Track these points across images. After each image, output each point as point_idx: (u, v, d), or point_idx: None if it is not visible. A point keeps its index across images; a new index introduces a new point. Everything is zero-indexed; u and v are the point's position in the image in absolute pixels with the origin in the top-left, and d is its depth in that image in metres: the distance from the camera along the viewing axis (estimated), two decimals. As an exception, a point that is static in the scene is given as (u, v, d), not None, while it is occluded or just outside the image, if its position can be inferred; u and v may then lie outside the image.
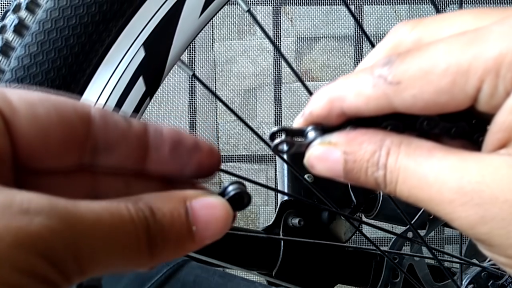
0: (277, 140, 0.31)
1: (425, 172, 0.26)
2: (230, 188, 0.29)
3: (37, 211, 0.22)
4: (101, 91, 0.51)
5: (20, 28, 0.45)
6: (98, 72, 0.51)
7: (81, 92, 0.51)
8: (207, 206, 0.27)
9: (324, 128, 0.31)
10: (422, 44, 0.27)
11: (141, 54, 0.51)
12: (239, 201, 0.29)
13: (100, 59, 0.50)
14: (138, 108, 0.53)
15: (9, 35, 0.45)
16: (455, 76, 0.25)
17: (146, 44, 0.51)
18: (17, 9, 0.46)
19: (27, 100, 0.25)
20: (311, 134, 0.31)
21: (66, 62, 0.47)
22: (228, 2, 0.59)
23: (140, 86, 0.52)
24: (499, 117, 0.26)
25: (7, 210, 0.21)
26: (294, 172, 0.89)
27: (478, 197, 0.25)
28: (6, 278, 0.20)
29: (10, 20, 0.45)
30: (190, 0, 0.53)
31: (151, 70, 0.52)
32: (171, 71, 0.57)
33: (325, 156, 0.30)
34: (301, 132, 0.31)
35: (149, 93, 0.54)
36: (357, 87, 0.28)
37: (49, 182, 0.27)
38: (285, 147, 0.31)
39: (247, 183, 0.31)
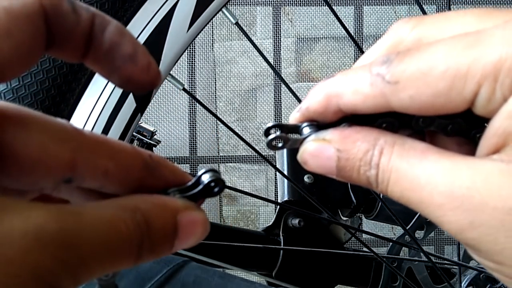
0: (271, 136, 0.31)
1: (417, 174, 0.26)
2: (205, 176, 0.30)
3: (48, 241, 0.22)
4: (92, 108, 0.51)
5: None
6: (88, 89, 0.51)
7: (72, 109, 0.51)
8: (192, 222, 0.28)
9: (319, 124, 0.31)
10: (421, 44, 0.27)
11: (131, 71, 0.51)
12: (213, 188, 0.30)
13: (89, 77, 0.51)
14: (129, 124, 0.53)
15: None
16: (453, 80, 0.25)
17: (135, 62, 0.51)
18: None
19: (8, 34, 0.24)
20: (305, 130, 0.31)
21: (54, 82, 0.47)
22: (226, 5, 0.59)
23: (130, 103, 0.53)
24: (494, 122, 0.26)
25: (25, 241, 0.22)
26: (289, 180, 0.89)
27: (468, 203, 0.25)
28: None
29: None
30: (177, 15, 0.53)
31: (141, 87, 0.52)
32: (170, 71, 0.57)
33: (319, 152, 0.30)
34: (296, 128, 0.31)
35: (139, 110, 0.54)
36: (355, 84, 0.28)
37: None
38: (279, 143, 0.31)
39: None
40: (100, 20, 0.27)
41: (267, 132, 0.31)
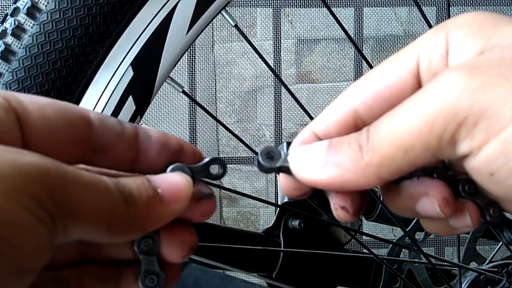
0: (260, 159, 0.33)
1: (404, 109, 0.28)
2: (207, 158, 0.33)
3: (29, 152, 0.25)
4: (92, 110, 0.51)
5: (6, 54, 0.46)
6: (87, 93, 0.51)
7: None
8: (165, 176, 0.31)
9: None
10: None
11: (130, 73, 0.52)
12: (213, 168, 0.33)
13: (88, 80, 0.51)
14: (128, 127, 0.53)
15: (-4, 61, 0.46)
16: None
17: (134, 64, 0.52)
18: (3, 35, 0.46)
19: (37, 102, 0.28)
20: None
21: (54, 85, 0.48)
22: (225, 8, 0.59)
23: (130, 106, 0.53)
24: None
25: (4, 148, 0.24)
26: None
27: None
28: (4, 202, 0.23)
29: (-3, 46, 0.46)
30: (177, 18, 0.53)
31: (140, 89, 0.53)
32: (171, 73, 0.57)
33: (308, 146, 0.31)
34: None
35: (139, 112, 0.54)
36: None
37: None
38: (271, 160, 0.33)
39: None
40: (144, 130, 0.32)
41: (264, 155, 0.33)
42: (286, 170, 0.32)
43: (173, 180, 0.30)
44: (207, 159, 0.33)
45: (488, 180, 0.27)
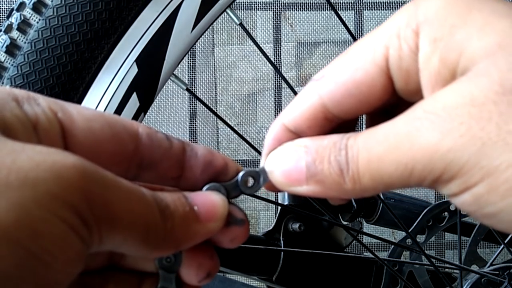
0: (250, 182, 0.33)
1: (385, 130, 0.28)
2: (241, 172, 0.33)
3: (70, 154, 0.24)
4: (95, 108, 0.52)
5: (11, 48, 0.46)
6: (92, 89, 0.51)
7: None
8: (202, 194, 0.31)
9: None
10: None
11: (134, 70, 0.52)
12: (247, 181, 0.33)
13: (93, 76, 0.51)
14: (132, 124, 0.53)
15: (1, 55, 0.46)
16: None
17: (138, 61, 0.52)
18: (8, 29, 0.46)
19: (84, 114, 0.28)
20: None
21: (59, 80, 0.48)
22: (230, 7, 0.59)
23: (134, 102, 0.53)
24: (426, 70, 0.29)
25: (45, 150, 0.23)
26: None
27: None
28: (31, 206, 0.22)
29: (2, 40, 0.46)
30: (182, 15, 0.53)
31: (145, 86, 0.53)
32: (174, 71, 0.57)
33: (287, 152, 0.31)
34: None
35: (143, 109, 0.54)
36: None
37: None
38: (252, 181, 0.33)
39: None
40: (190, 147, 0.31)
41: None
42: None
43: (210, 199, 0.30)
44: (241, 174, 0.32)
45: (467, 213, 0.29)
